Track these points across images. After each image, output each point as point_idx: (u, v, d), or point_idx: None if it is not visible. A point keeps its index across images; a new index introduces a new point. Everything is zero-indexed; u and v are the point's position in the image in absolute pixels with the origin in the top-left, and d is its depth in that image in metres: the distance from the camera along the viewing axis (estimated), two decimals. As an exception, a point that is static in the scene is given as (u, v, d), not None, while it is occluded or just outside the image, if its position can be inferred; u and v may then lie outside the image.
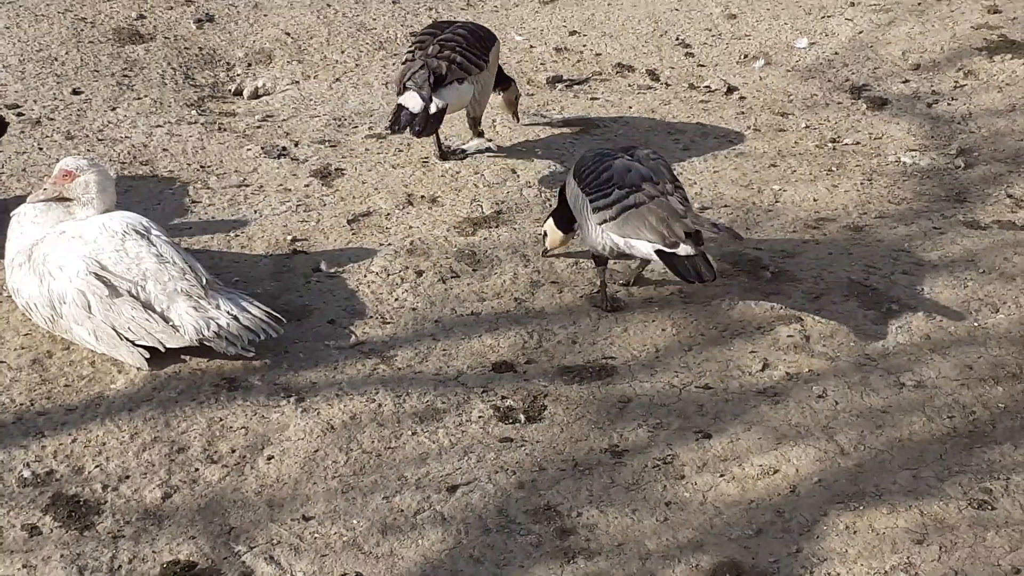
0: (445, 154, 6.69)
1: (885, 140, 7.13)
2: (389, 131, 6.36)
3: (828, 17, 8.49)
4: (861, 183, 6.67)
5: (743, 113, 7.38)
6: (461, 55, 6.35)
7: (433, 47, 6.36)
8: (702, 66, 7.93)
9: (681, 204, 5.26)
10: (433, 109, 6.21)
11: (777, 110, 7.42)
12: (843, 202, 6.48)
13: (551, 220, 5.75)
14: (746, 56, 8.04)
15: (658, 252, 5.17)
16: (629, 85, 7.57)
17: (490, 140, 6.81)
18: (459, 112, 6.62)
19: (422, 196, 6.34)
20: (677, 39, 8.26)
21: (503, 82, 6.86)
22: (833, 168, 6.81)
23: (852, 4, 8.68)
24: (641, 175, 5.32)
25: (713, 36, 8.28)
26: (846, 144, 7.08)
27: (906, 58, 7.97)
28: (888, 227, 6.25)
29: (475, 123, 6.72)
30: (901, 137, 7.15)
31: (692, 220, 5.19)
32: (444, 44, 6.37)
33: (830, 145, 7.07)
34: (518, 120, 7.01)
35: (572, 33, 8.29)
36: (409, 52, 6.45)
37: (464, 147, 6.75)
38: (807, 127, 7.25)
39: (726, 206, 6.36)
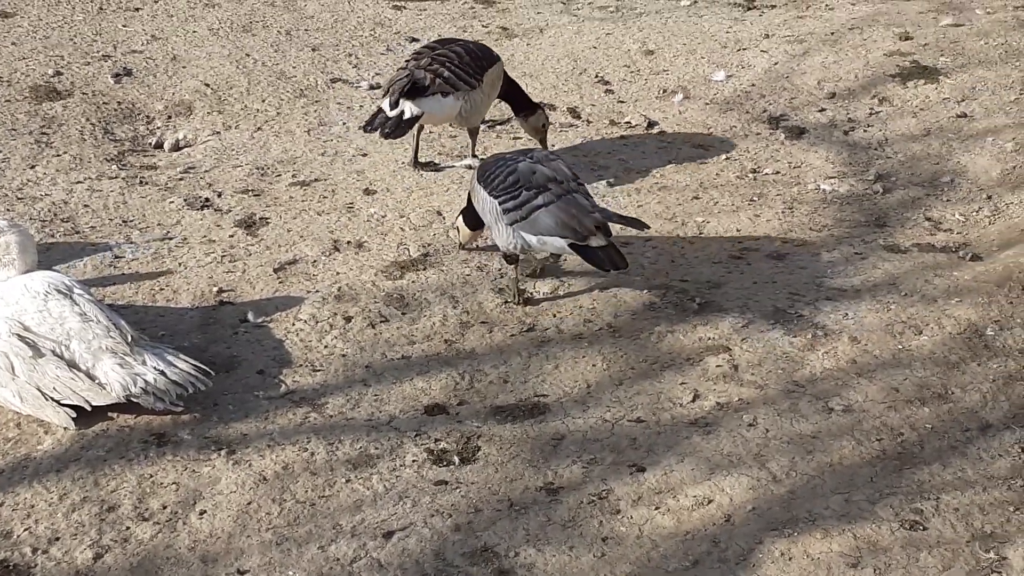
0: (417, 163, 6.99)
1: (804, 168, 7.22)
2: (363, 128, 6.65)
3: (743, 50, 8.59)
4: (782, 212, 6.74)
5: (664, 147, 7.44)
6: (450, 70, 6.60)
7: (425, 59, 6.65)
8: (622, 102, 7.99)
9: (586, 199, 5.59)
10: (407, 114, 6.48)
11: (697, 143, 7.50)
12: (766, 231, 6.55)
13: (460, 218, 6.01)
14: (665, 91, 8.12)
15: (571, 246, 5.49)
16: (551, 124, 7.60)
17: (475, 157, 6.97)
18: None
19: (348, 242, 6.32)
20: (596, 76, 8.32)
21: (527, 108, 7.05)
22: (755, 198, 6.88)
23: (767, 36, 8.80)
24: (546, 175, 5.60)
25: (632, 72, 8.35)
26: (766, 174, 7.16)
27: (821, 87, 8.08)
28: (811, 254, 6.33)
29: (473, 134, 7.00)
30: (820, 165, 7.24)
31: (601, 214, 5.53)
32: (435, 58, 6.66)
33: (751, 175, 7.14)
34: (546, 148, 7.08)
35: (492, 74, 8.32)
36: (404, 62, 6.75)
37: (452, 164, 7.07)
38: (727, 158, 7.32)
39: (650, 240, 6.40)
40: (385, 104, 6.55)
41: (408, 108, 6.53)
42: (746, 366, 5.46)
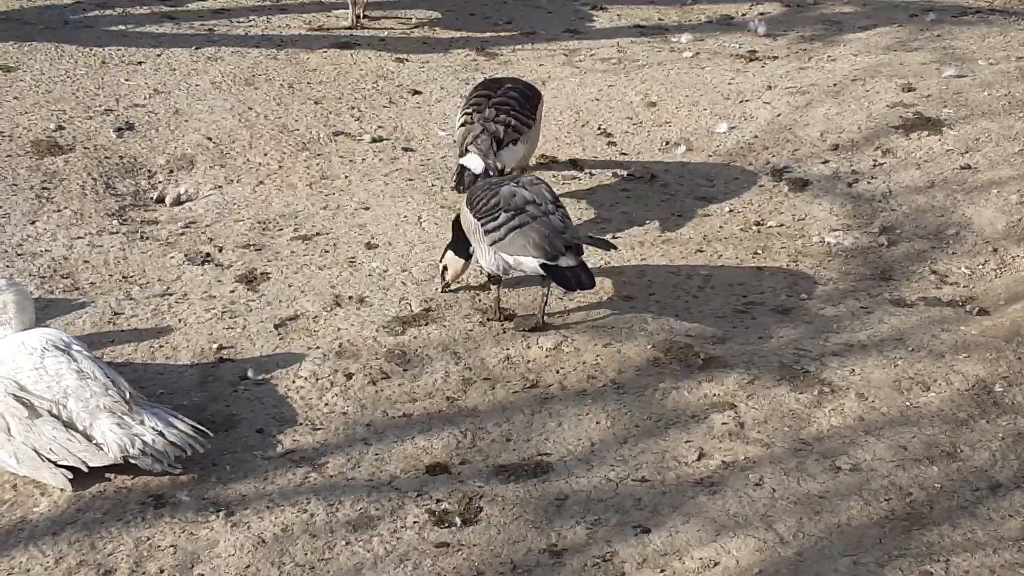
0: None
1: (808, 221, 7.16)
2: (454, 189, 6.82)
3: (746, 101, 8.56)
4: (787, 265, 6.68)
5: (667, 199, 7.39)
6: (515, 117, 6.83)
7: (489, 110, 6.83)
8: (624, 154, 7.95)
9: (561, 222, 5.74)
10: (493, 172, 6.62)
11: (701, 195, 7.44)
12: (770, 284, 6.49)
13: (450, 253, 6.11)
14: (667, 143, 8.08)
15: (542, 266, 5.65)
16: (553, 176, 7.56)
17: None
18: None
19: (350, 297, 6.26)
20: (599, 128, 8.28)
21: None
22: (759, 251, 6.82)
23: (769, 88, 8.77)
24: (524, 199, 5.79)
25: (634, 124, 8.31)
26: (770, 226, 7.10)
27: (825, 139, 8.02)
28: (816, 308, 6.26)
29: (522, 172, 7.08)
30: (824, 217, 7.18)
31: (571, 235, 5.70)
32: (499, 107, 6.85)
33: (755, 228, 7.09)
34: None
35: (495, 126, 8.28)
36: (466, 114, 6.87)
37: None
38: (731, 211, 7.27)
39: (653, 294, 6.33)
40: (471, 161, 6.64)
41: (496, 165, 6.69)
42: (752, 423, 5.38)
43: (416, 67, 9.23)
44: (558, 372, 5.72)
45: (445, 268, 6.16)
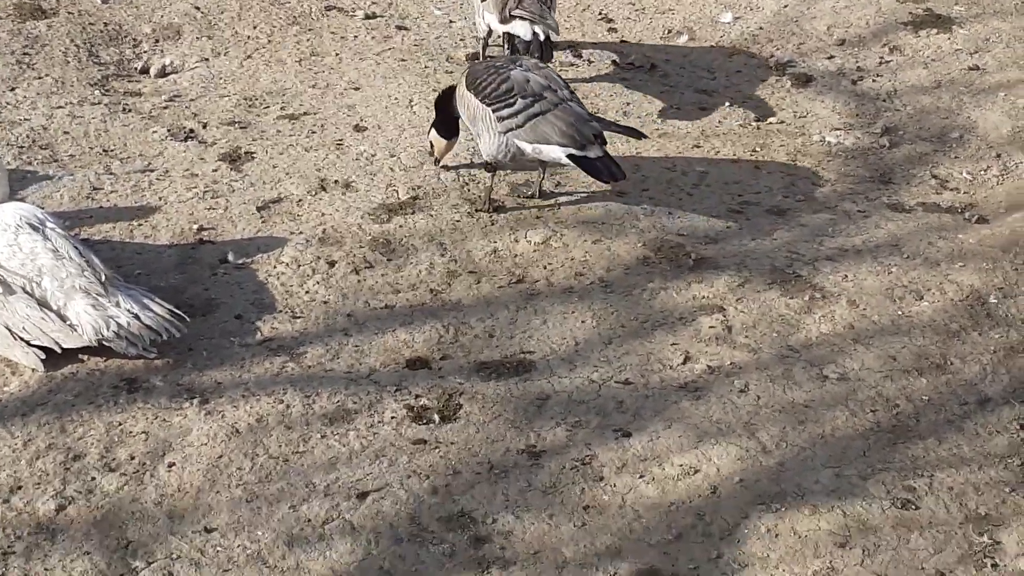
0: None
1: (810, 119, 7.00)
2: (519, 50, 6.44)
3: (753, -10, 8.34)
4: (785, 164, 6.54)
5: (667, 91, 7.22)
6: None
7: None
8: (625, 41, 7.74)
9: (582, 108, 5.63)
10: (549, 37, 6.37)
11: (701, 87, 7.27)
12: (767, 184, 6.36)
13: (433, 131, 5.98)
14: (670, 31, 7.87)
15: (570, 156, 5.54)
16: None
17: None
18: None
19: (336, 181, 6.13)
20: (600, 14, 8.06)
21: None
22: (757, 148, 6.69)
23: (777, -24, 8.53)
24: (540, 84, 5.65)
25: (637, 11, 8.09)
26: (770, 123, 6.95)
27: (831, 33, 7.82)
28: (812, 210, 6.14)
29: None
30: (826, 116, 7.02)
31: (597, 123, 5.62)
32: None
33: (754, 124, 6.94)
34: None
35: (493, 7, 8.07)
36: None
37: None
38: (731, 105, 7.10)
39: (646, 190, 6.20)
40: (519, 30, 6.39)
41: (545, 30, 6.48)
42: (740, 328, 5.29)
43: None
44: (545, 268, 5.62)
45: (432, 145, 6.10)
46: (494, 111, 5.66)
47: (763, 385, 4.99)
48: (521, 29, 6.42)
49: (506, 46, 6.56)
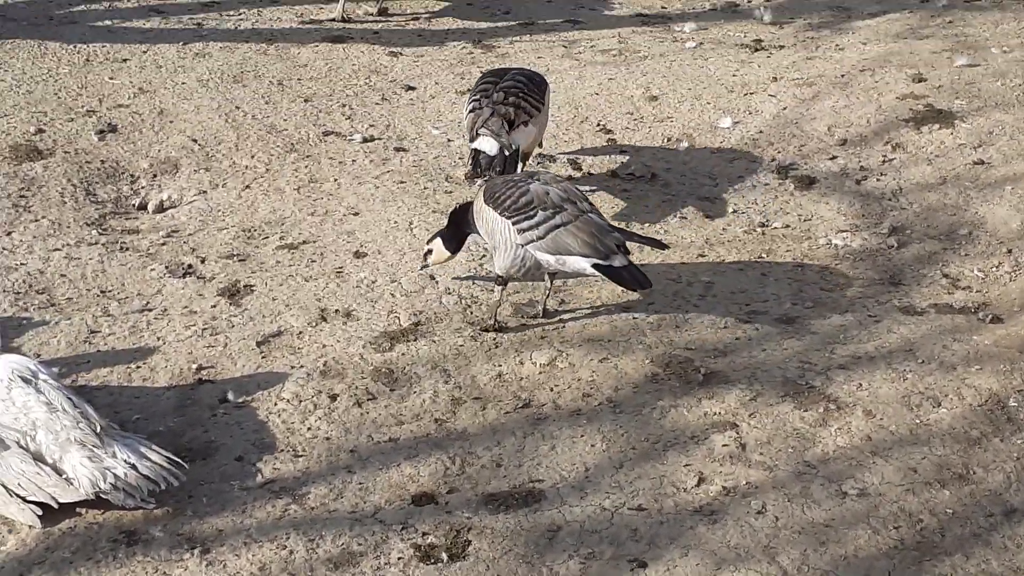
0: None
1: (815, 222, 6.95)
2: (470, 176, 6.88)
3: (751, 94, 8.32)
4: (792, 270, 6.46)
5: (668, 200, 7.17)
6: (524, 99, 6.78)
7: (497, 94, 6.76)
8: (624, 151, 7.72)
9: (602, 220, 5.70)
10: (508, 152, 6.62)
11: (703, 195, 7.23)
12: (775, 292, 6.27)
13: (439, 240, 5.99)
14: (669, 139, 7.86)
15: (595, 266, 5.57)
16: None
17: None
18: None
19: (336, 310, 6.05)
20: (598, 125, 8.06)
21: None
22: (763, 255, 6.62)
23: (775, 79, 8.53)
24: (560, 196, 5.70)
25: (635, 120, 8.10)
26: (775, 228, 6.90)
27: (832, 133, 7.81)
28: (822, 317, 6.04)
29: (526, 158, 7.03)
30: (831, 217, 6.97)
31: (619, 233, 5.68)
32: (507, 91, 6.79)
33: (759, 230, 6.88)
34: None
35: (490, 123, 8.07)
36: (475, 100, 6.80)
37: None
38: (735, 211, 7.05)
39: (652, 303, 6.12)
40: (484, 144, 6.64)
41: (509, 145, 6.65)
42: (754, 444, 5.16)
43: (410, 61, 9.01)
44: (552, 390, 5.51)
45: (429, 252, 6.06)
46: (514, 223, 5.67)
47: (781, 505, 4.84)
48: (486, 144, 6.61)
49: (471, 163, 6.74)
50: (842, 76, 8.44)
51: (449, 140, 7.83)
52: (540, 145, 7.40)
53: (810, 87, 8.33)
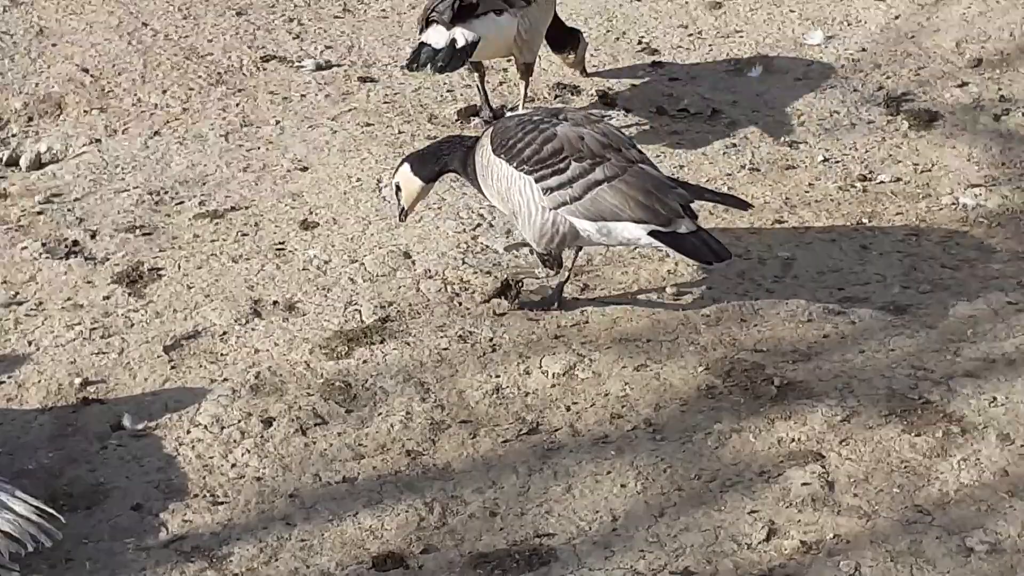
0: (497, 113, 7.33)
1: (936, 173, 7.01)
2: (407, 68, 6.95)
3: (850, -1, 8.45)
4: (903, 240, 6.52)
5: (735, 146, 7.24)
6: None
7: None
8: (676, 79, 7.74)
9: (658, 171, 5.76)
10: (460, 42, 6.75)
11: (783, 138, 7.30)
12: (879, 271, 6.33)
13: (406, 166, 5.98)
14: (737, 63, 7.94)
15: (653, 234, 5.61)
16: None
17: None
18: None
19: (275, 302, 6.12)
20: (640, 42, 8.15)
21: (570, 39, 7.55)
22: (864, 219, 6.68)
23: (884, -23, 8.63)
24: (599, 141, 5.72)
25: (690, 36, 8.19)
26: (882, 182, 6.96)
27: (962, 51, 7.90)
28: (943, 305, 6.09)
29: (527, 71, 7.23)
30: (959, 167, 7.03)
31: (684, 188, 5.75)
32: None
33: (859, 185, 6.94)
34: (585, 74, 7.75)
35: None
36: None
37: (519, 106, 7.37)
38: (825, 161, 7.12)
39: (710, 288, 6.16)
40: (431, 35, 6.79)
41: (460, 35, 6.77)
42: (846, 483, 5.20)
43: None
44: (569, 410, 5.56)
45: (399, 188, 6.06)
46: (538, 180, 5.71)
47: (882, 566, 4.85)
48: (434, 35, 6.80)
49: (411, 55, 6.91)
50: (977, -27, 8.48)
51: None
52: (582, 64, 7.55)
53: (932, -12, 8.39)
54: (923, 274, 6.29)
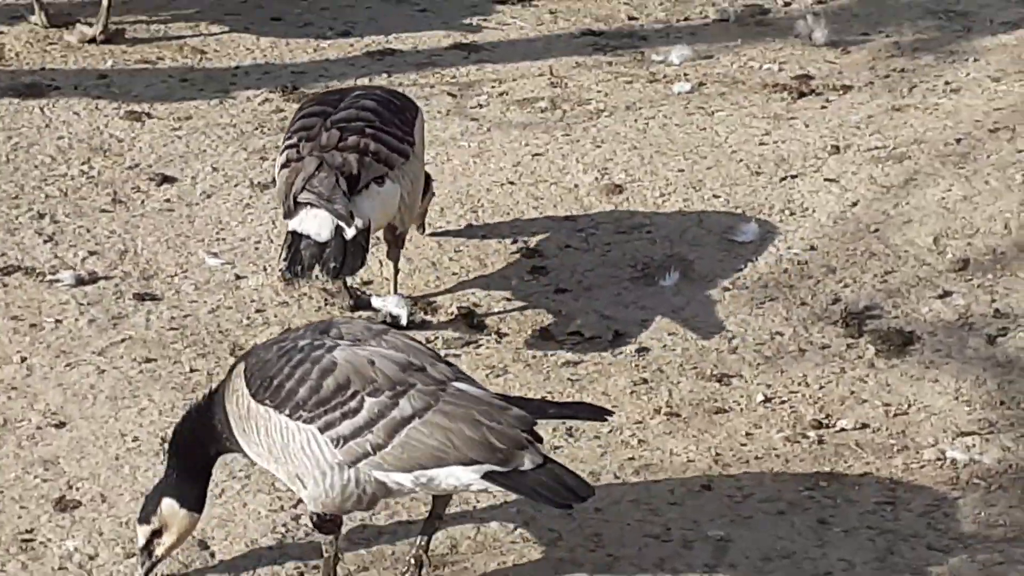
0: (358, 304, 7.59)
1: (915, 418, 7.11)
2: (285, 275, 7.19)
3: (792, 178, 8.72)
4: (876, 512, 6.54)
5: (643, 382, 7.28)
6: (376, 138, 7.17)
7: (328, 133, 7.16)
8: (563, 291, 7.88)
9: (481, 389, 5.89)
10: (352, 232, 6.92)
11: (707, 371, 7.35)
12: (843, 555, 6.33)
13: (167, 501, 5.94)
14: (644, 267, 8.06)
15: (488, 476, 5.62)
16: (432, 336, 7.35)
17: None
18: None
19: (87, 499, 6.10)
20: (515, 240, 8.26)
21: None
22: (821, 483, 6.72)
23: (836, 150, 9.00)
24: (395, 363, 5.78)
25: (580, 231, 8.32)
26: (843, 431, 7.03)
27: (942, 248, 8.09)
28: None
29: (400, 243, 7.55)
30: (945, 409, 7.16)
31: (522, 408, 5.78)
32: (346, 127, 7.17)
33: (812, 435, 6.99)
34: (423, 231, 8.14)
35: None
36: (289, 147, 7.19)
37: (381, 302, 7.58)
38: (766, 401, 7.20)
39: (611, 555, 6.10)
40: (308, 223, 6.98)
41: (353, 222, 6.97)
42: None
43: (166, 130, 9.15)
44: None
45: (158, 532, 5.97)
46: (323, 430, 5.67)
47: None
48: (311, 223, 6.95)
49: (285, 255, 7.00)
50: (958, 141, 8.70)
51: (238, 275, 7.91)
52: (422, 219, 7.83)
53: (901, 164, 8.59)
54: (903, 559, 6.28)
